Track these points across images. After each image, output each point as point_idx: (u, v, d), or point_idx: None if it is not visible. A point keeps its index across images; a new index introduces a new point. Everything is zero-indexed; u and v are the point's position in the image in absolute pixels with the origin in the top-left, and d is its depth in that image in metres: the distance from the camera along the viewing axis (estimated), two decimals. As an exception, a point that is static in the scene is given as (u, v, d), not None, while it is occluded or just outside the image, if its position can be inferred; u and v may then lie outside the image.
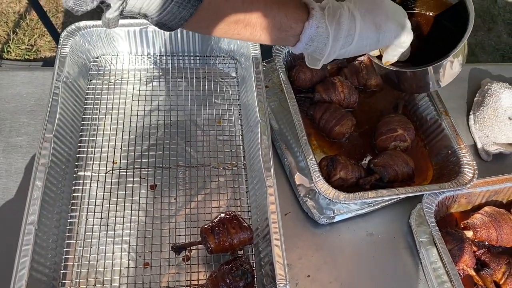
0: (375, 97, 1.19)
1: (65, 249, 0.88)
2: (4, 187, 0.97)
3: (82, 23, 1.05)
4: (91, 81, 1.10)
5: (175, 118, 1.08)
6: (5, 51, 2.31)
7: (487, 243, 0.98)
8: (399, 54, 0.83)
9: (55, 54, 2.33)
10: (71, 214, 0.92)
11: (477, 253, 0.97)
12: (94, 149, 1.00)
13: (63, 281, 0.85)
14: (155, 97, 1.10)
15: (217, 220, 0.86)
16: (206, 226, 0.86)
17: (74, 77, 1.02)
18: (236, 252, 0.88)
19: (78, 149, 1.00)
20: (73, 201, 0.93)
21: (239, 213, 0.93)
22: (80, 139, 1.01)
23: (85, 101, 1.07)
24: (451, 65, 0.87)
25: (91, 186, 0.96)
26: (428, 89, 0.96)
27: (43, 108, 1.01)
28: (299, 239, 0.98)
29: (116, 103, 1.08)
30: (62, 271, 0.86)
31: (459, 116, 1.24)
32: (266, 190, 0.87)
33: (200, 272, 0.89)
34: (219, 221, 0.85)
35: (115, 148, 1.01)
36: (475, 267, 0.95)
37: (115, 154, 1.00)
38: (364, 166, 1.05)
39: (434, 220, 0.93)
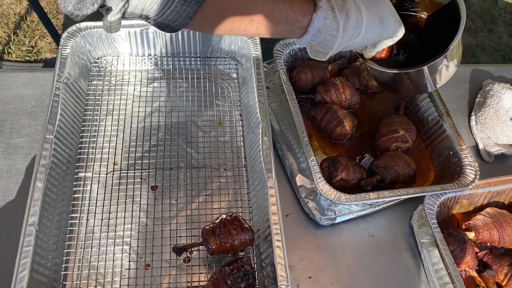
0: (376, 98, 1.19)
1: (65, 251, 0.88)
2: (4, 188, 0.97)
3: (83, 24, 1.05)
4: (91, 82, 1.10)
5: (176, 119, 1.08)
6: (6, 52, 2.31)
7: (489, 244, 0.98)
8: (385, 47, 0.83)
9: (55, 55, 2.34)
10: (72, 215, 0.92)
11: (479, 254, 0.97)
12: (94, 150, 1.00)
13: (64, 283, 0.85)
14: (155, 98, 1.10)
15: (218, 221, 0.86)
16: (207, 227, 0.85)
17: (74, 78, 1.02)
18: (237, 253, 0.88)
19: (78, 150, 0.99)
20: (74, 202, 0.93)
21: (240, 214, 0.93)
22: (80, 140, 1.01)
23: (86, 102, 1.06)
24: (446, 64, 0.87)
25: (91, 187, 0.96)
26: (425, 89, 0.96)
27: (44, 109, 1.01)
28: (300, 240, 0.98)
29: (116, 104, 1.08)
30: (62, 273, 0.85)
31: (461, 117, 1.24)
32: (267, 191, 0.87)
33: (201, 273, 0.88)
34: (220, 222, 0.85)
35: (116, 149, 1.01)
36: (477, 268, 0.95)
37: (115, 155, 1.00)
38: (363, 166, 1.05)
39: (436, 221, 0.92)
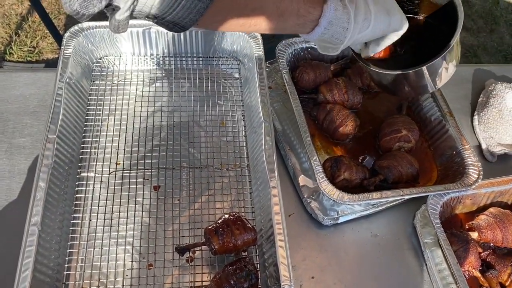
0: (378, 98, 1.18)
1: (68, 250, 0.87)
2: (7, 188, 0.97)
3: (85, 24, 1.05)
4: (94, 82, 1.10)
5: (178, 119, 1.08)
6: (8, 52, 2.32)
7: (492, 244, 0.98)
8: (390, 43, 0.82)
9: (57, 56, 2.34)
10: (74, 215, 0.91)
11: (482, 254, 0.96)
12: (97, 150, 1.00)
13: (67, 283, 0.84)
14: (158, 98, 1.10)
15: (221, 221, 0.86)
16: (210, 227, 0.85)
17: (77, 78, 1.02)
18: (240, 253, 0.87)
19: (81, 150, 0.99)
20: (76, 202, 0.93)
21: (243, 214, 0.92)
22: (83, 140, 1.01)
23: (88, 102, 1.06)
24: (445, 65, 0.87)
25: (94, 187, 0.95)
26: (425, 90, 0.96)
27: (46, 109, 1.01)
28: (303, 240, 0.98)
29: (119, 104, 1.07)
30: (65, 272, 0.85)
31: (464, 117, 1.24)
32: (270, 191, 0.87)
33: (204, 273, 0.88)
34: (223, 222, 0.85)
35: (118, 149, 1.01)
36: (481, 268, 0.95)
37: (118, 155, 1.00)
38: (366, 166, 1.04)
39: (439, 221, 0.92)
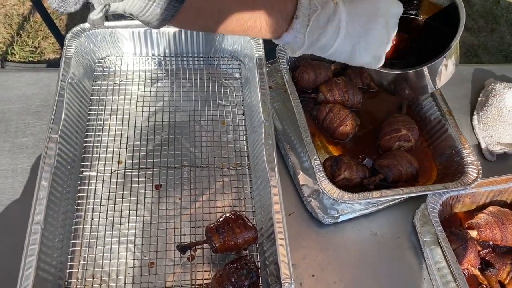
0: (379, 97, 1.19)
1: (70, 249, 0.88)
2: (10, 187, 0.97)
3: (87, 25, 1.06)
4: (96, 82, 1.11)
5: (179, 118, 1.08)
6: (9, 53, 2.33)
7: (491, 243, 0.98)
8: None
9: (58, 56, 2.35)
10: (77, 214, 0.92)
11: (481, 252, 0.97)
12: (99, 150, 1.01)
13: (69, 281, 0.85)
14: (159, 98, 1.11)
15: (221, 219, 0.86)
16: (211, 225, 0.86)
17: (79, 78, 1.03)
18: (241, 251, 0.88)
19: (83, 149, 1.00)
20: (79, 201, 0.94)
21: (244, 213, 0.93)
22: (85, 139, 1.01)
23: (90, 101, 1.07)
24: (445, 65, 0.88)
25: (96, 186, 0.96)
26: (426, 90, 0.96)
27: (49, 109, 1.02)
28: (303, 239, 0.98)
29: (121, 103, 1.08)
30: (68, 271, 0.86)
31: (463, 116, 1.24)
32: (270, 190, 0.87)
33: (205, 271, 0.89)
34: (224, 220, 0.86)
35: (120, 148, 1.01)
36: (480, 267, 0.95)
37: (120, 154, 1.01)
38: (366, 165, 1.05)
39: (438, 219, 0.93)
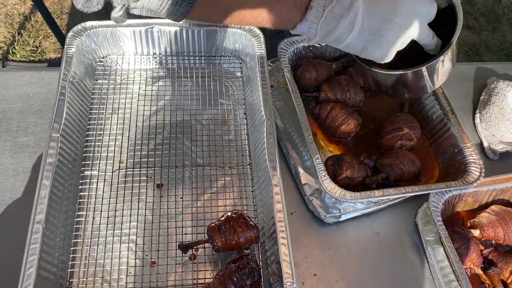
0: (381, 96, 1.18)
1: (72, 248, 0.88)
2: (11, 186, 0.97)
3: (88, 24, 1.06)
4: (97, 81, 1.10)
5: (180, 117, 1.08)
6: (10, 52, 2.33)
7: (494, 242, 0.98)
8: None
9: (59, 55, 2.35)
10: (78, 213, 0.92)
11: (484, 252, 0.97)
12: (100, 149, 1.01)
13: (71, 280, 0.85)
14: (160, 96, 1.11)
15: (223, 218, 0.86)
16: (212, 224, 0.86)
17: (80, 77, 1.03)
18: (242, 250, 0.88)
19: (84, 149, 1.00)
20: (80, 200, 0.94)
21: (245, 212, 0.93)
22: (86, 138, 1.01)
23: (91, 100, 1.07)
24: (442, 65, 0.88)
25: (97, 185, 0.96)
26: (425, 91, 0.96)
27: (50, 108, 1.01)
28: (305, 238, 0.98)
29: (122, 102, 1.08)
30: (69, 270, 0.86)
31: (465, 115, 1.24)
32: (272, 189, 0.87)
33: (207, 270, 0.89)
34: (226, 219, 0.86)
35: (122, 147, 1.01)
36: (482, 266, 0.95)
37: (121, 153, 1.00)
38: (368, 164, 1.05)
39: (440, 218, 0.92)
